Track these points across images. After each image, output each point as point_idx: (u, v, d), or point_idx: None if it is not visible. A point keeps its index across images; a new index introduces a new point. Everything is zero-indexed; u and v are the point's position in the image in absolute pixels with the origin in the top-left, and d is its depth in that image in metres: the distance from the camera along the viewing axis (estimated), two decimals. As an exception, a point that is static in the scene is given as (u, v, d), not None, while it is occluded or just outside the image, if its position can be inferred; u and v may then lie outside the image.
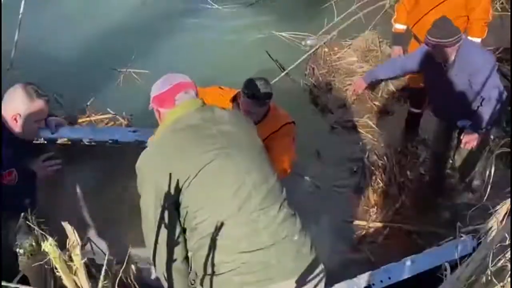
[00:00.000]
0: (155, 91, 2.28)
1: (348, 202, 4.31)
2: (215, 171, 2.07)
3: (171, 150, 2.13)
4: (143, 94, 5.42)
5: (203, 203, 2.06)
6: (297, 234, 2.16)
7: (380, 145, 4.86)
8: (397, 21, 4.50)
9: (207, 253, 2.08)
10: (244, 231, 2.07)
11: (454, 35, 3.49)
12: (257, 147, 2.21)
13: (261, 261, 2.08)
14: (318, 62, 6.00)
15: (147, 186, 2.12)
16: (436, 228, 3.93)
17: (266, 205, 2.11)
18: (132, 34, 6.53)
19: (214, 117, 2.18)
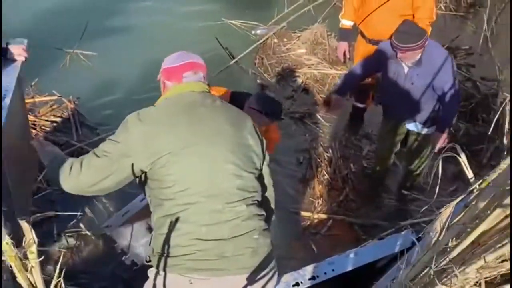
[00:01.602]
0: (167, 63, 2.32)
1: (294, 193, 4.40)
2: (195, 155, 2.11)
3: (162, 120, 2.14)
4: (91, 76, 5.47)
5: (176, 181, 2.08)
6: (258, 233, 2.19)
7: (326, 137, 4.98)
8: (344, 17, 4.57)
9: (165, 233, 2.11)
10: (207, 220, 2.10)
11: (422, 37, 3.55)
12: (242, 144, 2.23)
13: (216, 252, 2.10)
14: (268, 52, 6.05)
15: (122, 135, 2.14)
16: (378, 221, 4.08)
17: (234, 200, 2.14)
18: (81, 14, 6.33)
19: (212, 105, 2.23)
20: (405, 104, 3.88)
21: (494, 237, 1.71)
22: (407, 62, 3.69)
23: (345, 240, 3.94)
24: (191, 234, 2.09)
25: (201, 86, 2.26)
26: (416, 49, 3.57)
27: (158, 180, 2.11)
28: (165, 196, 2.11)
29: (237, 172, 2.16)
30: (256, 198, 2.23)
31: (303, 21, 6.31)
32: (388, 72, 3.85)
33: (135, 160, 2.10)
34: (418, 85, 3.75)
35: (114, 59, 5.68)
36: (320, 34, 6.12)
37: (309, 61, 5.87)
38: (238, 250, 2.12)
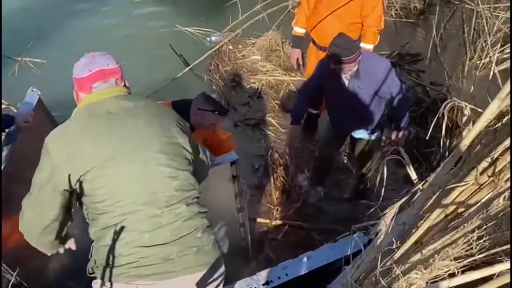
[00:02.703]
0: (75, 72, 2.18)
1: (251, 199, 4.38)
2: (123, 164, 2.04)
3: (81, 134, 2.06)
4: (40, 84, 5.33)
5: (106, 195, 2.03)
6: (201, 231, 2.18)
7: (282, 143, 5.00)
8: (296, 24, 4.62)
9: (108, 245, 2.07)
10: (147, 226, 2.06)
11: (355, 51, 3.58)
12: (172, 143, 2.16)
13: (161, 256, 2.08)
14: (223, 58, 6.07)
15: (45, 161, 2.06)
16: (334, 226, 4.11)
17: (173, 202, 2.11)
18: (30, 20, 6.25)
19: (131, 107, 2.12)
20: (352, 116, 3.92)
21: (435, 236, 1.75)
22: (343, 75, 3.72)
23: (302, 245, 3.95)
24: (133, 242, 2.06)
25: (114, 91, 2.15)
26: (349, 62, 3.62)
27: (89, 195, 2.05)
28: (99, 211, 2.06)
29: (172, 174, 2.11)
30: (195, 195, 2.21)
31: (258, 28, 6.36)
32: (330, 86, 3.88)
33: (62, 180, 2.03)
34: (362, 97, 3.79)
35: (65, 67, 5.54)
36: (274, 41, 6.17)
37: (264, 68, 5.90)
38: (183, 251, 2.11)
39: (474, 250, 1.84)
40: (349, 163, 4.64)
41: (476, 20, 5.67)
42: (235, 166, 3.10)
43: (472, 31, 5.59)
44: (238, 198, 3.25)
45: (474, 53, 5.38)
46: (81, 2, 6.80)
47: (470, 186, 1.61)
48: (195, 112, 3.17)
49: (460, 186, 1.61)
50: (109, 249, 2.04)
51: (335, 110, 4.07)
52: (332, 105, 4.09)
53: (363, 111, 3.84)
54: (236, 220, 3.37)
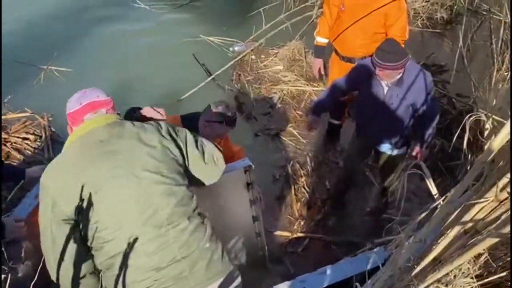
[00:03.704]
0: (68, 108, 2.24)
1: (271, 211, 4.32)
2: (118, 189, 2.05)
3: (73, 166, 2.07)
4: (65, 93, 5.36)
5: (107, 223, 2.03)
6: (208, 241, 2.18)
7: (303, 154, 4.95)
8: (318, 34, 4.58)
9: (117, 273, 2.05)
10: (154, 248, 2.06)
11: (401, 58, 3.51)
12: (163, 161, 2.15)
13: (174, 275, 2.08)
14: (245, 68, 6.06)
15: (44, 200, 2.07)
16: (355, 239, 4.03)
17: (174, 219, 2.10)
18: (56, 30, 6.33)
19: (121, 132, 2.14)
20: (381, 124, 3.85)
21: (455, 254, 1.68)
22: (386, 81, 3.66)
23: (322, 259, 3.86)
24: (144, 266, 2.05)
25: (105, 119, 2.17)
26: (396, 68, 3.55)
27: (90, 225, 2.05)
28: (103, 239, 2.05)
29: (169, 191, 2.11)
30: (194, 207, 2.21)
31: (281, 38, 6.34)
32: (366, 91, 3.80)
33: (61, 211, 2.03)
34: (396, 106, 3.73)
35: (89, 76, 5.66)
36: (297, 51, 6.14)
37: (286, 78, 5.87)
38: (194, 265, 2.11)
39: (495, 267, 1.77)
40: (371, 175, 4.56)
41: (504, 31, 5.56)
42: (249, 173, 3.06)
43: (500, 42, 5.48)
44: (253, 206, 3.19)
45: (502, 64, 5.27)
46: (106, 11, 6.87)
47: (490, 203, 1.54)
48: (203, 124, 3.17)
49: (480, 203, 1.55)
50: (120, 277, 2.04)
51: (364, 116, 4.00)
52: (362, 110, 4.01)
53: (392, 121, 3.78)
54: (252, 229, 3.31)
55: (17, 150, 4.58)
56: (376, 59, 3.55)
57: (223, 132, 3.23)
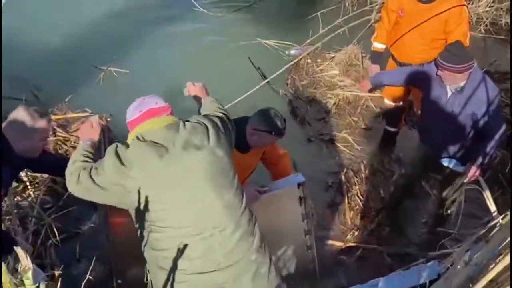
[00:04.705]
0: (127, 116, 2.34)
1: (322, 218, 4.24)
2: (172, 187, 2.10)
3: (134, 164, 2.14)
4: (123, 94, 5.52)
5: (157, 218, 2.08)
6: (254, 253, 2.16)
7: (357, 161, 4.86)
8: (376, 39, 4.49)
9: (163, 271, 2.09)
10: (198, 252, 2.08)
11: (465, 62, 3.44)
12: (215, 165, 2.19)
13: (215, 283, 2.08)
14: (300, 72, 6.01)
15: (117, 169, 2.15)
16: (409, 250, 3.93)
17: (221, 223, 2.11)
18: (116, 32, 6.48)
19: (178, 135, 2.20)
20: (442, 132, 3.78)
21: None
22: (449, 85, 3.60)
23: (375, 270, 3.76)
24: (187, 269, 2.07)
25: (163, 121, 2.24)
26: (459, 71, 3.47)
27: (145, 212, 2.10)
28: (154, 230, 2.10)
29: (218, 193, 2.14)
30: (244, 214, 2.21)
31: (338, 42, 6.27)
32: (430, 94, 3.75)
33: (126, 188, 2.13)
34: (457, 113, 3.64)
35: (146, 77, 5.76)
36: (354, 56, 6.04)
37: (342, 83, 5.79)
38: (238, 277, 2.10)
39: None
40: (427, 186, 4.42)
41: None
42: (302, 188, 3.05)
43: None
44: (306, 220, 3.19)
45: None
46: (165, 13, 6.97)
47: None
48: (251, 132, 3.13)
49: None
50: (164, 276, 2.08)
51: (427, 122, 3.94)
52: (426, 116, 3.95)
53: (453, 129, 3.70)
54: (304, 243, 3.30)
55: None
56: (440, 60, 3.50)
57: (270, 141, 3.21)
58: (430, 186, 4.45)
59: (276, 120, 3.10)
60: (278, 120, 3.10)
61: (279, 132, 3.12)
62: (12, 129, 2.68)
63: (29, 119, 2.68)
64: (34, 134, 2.70)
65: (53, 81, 5.55)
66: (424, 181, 4.53)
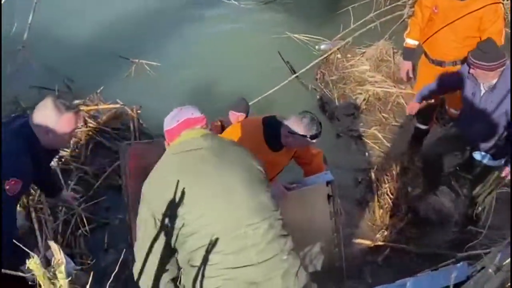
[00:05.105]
0: (165, 125, 2.38)
1: (350, 215, 4.23)
2: (208, 189, 2.14)
3: (168, 172, 2.21)
4: (154, 87, 5.58)
5: (194, 217, 2.11)
6: (286, 254, 2.18)
7: (387, 158, 4.81)
8: (409, 35, 4.43)
9: (196, 268, 2.11)
10: (232, 247, 2.10)
11: (496, 60, 3.41)
12: (249, 170, 2.25)
13: (246, 279, 2.10)
14: (330, 68, 5.97)
15: (143, 207, 2.21)
16: (437, 250, 3.89)
17: (255, 221, 2.14)
18: (147, 24, 6.53)
19: (212, 144, 2.26)
20: (477, 128, 3.76)
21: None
22: (482, 83, 3.58)
23: (403, 270, 3.72)
24: (220, 264, 2.09)
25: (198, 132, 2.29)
26: (490, 69, 3.43)
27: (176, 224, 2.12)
28: (187, 234, 2.12)
29: (253, 193, 2.18)
30: (278, 217, 2.23)
31: (369, 37, 6.20)
32: (465, 92, 3.78)
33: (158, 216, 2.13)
34: (490, 111, 3.62)
35: (176, 70, 5.79)
36: (385, 51, 5.97)
37: (373, 78, 5.73)
38: (268, 273, 2.12)
39: None
40: (456, 184, 4.36)
41: None
42: (330, 186, 3.05)
43: None
44: (334, 218, 3.19)
45: None
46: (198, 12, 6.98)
47: None
48: (286, 134, 3.13)
49: None
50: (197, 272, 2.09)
51: (463, 117, 3.94)
52: (462, 111, 3.96)
53: (486, 127, 3.69)
54: (331, 241, 3.31)
55: (107, 140, 4.78)
56: (471, 58, 3.49)
57: (305, 144, 3.21)
58: (460, 186, 4.41)
59: (313, 124, 3.10)
60: (315, 125, 3.11)
61: (315, 137, 3.12)
62: (38, 120, 2.67)
63: (55, 112, 2.66)
64: (59, 127, 2.68)
65: (86, 72, 5.60)
66: (454, 180, 4.49)
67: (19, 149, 2.62)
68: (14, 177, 2.56)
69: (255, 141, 3.13)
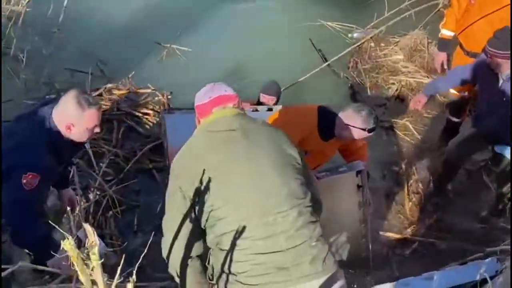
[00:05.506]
0: (196, 100, 2.36)
1: (380, 208, 4.18)
2: (238, 173, 2.14)
3: (199, 150, 2.22)
4: (185, 72, 5.61)
5: (223, 202, 2.12)
6: (315, 240, 2.18)
7: (418, 150, 4.76)
8: (444, 26, 4.37)
9: (224, 251, 2.13)
10: (261, 233, 2.11)
11: None
12: (281, 155, 2.23)
13: (275, 264, 2.10)
14: (363, 56, 5.91)
15: (171, 182, 2.23)
16: (465, 245, 3.83)
17: (284, 209, 2.14)
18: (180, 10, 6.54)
19: (245, 125, 2.25)
20: (495, 121, 3.69)
21: None
22: (500, 73, 3.53)
23: (430, 264, 3.67)
24: (249, 249, 2.09)
25: (230, 111, 2.28)
26: (503, 58, 3.36)
27: (207, 204, 2.13)
28: (216, 218, 2.12)
29: (283, 180, 2.16)
30: (307, 204, 2.21)
31: (403, 26, 6.11)
32: (484, 83, 3.74)
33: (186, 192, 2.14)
34: (507, 101, 3.55)
35: (207, 55, 5.81)
36: (420, 41, 5.90)
37: (406, 69, 5.66)
38: (297, 259, 2.11)
39: None
40: (487, 179, 4.29)
41: None
42: (360, 176, 3.03)
43: None
44: (362, 208, 3.17)
45: None
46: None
47: None
48: (342, 126, 3.12)
49: None
50: (225, 255, 2.10)
51: (480, 108, 3.92)
52: (480, 103, 3.94)
53: (503, 117, 3.59)
54: (359, 231, 3.31)
55: (138, 124, 4.83)
56: (487, 46, 3.46)
57: (361, 137, 3.18)
58: (491, 180, 4.34)
59: (371, 117, 3.09)
60: (372, 118, 3.10)
61: (372, 130, 3.12)
62: (60, 115, 2.67)
63: (77, 107, 2.64)
64: (81, 123, 2.67)
65: (118, 56, 5.66)
66: (485, 174, 4.42)
67: (38, 143, 2.62)
68: (31, 171, 2.57)
69: (307, 128, 3.14)
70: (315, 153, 2.41)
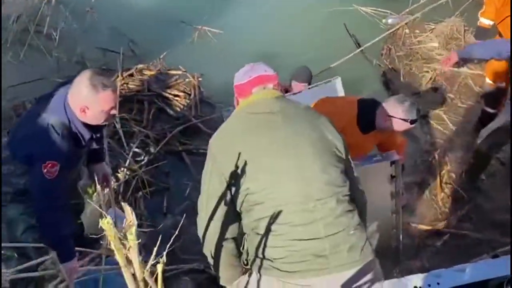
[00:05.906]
0: (236, 80, 2.32)
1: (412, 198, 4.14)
2: (277, 158, 2.11)
3: (238, 131, 2.19)
4: (215, 54, 5.58)
5: (261, 187, 2.08)
6: (353, 229, 2.15)
7: (451, 141, 4.67)
8: (483, 15, 4.27)
9: (260, 236, 2.10)
10: (300, 220, 2.08)
11: None
12: (322, 141, 2.19)
13: (313, 252, 2.08)
14: (397, 43, 5.79)
15: (209, 161, 2.20)
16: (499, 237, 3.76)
17: (323, 196, 2.10)
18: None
19: (285, 109, 2.20)
20: None
21: None
22: None
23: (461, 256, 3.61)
24: (287, 235, 2.07)
25: (270, 93, 2.24)
26: None
27: (243, 187, 2.10)
28: (252, 202, 2.10)
29: (323, 168, 2.12)
30: (346, 193, 2.18)
31: (440, 12, 5.96)
32: None
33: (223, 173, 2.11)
34: None
35: (239, 38, 5.76)
36: (456, 29, 5.75)
37: (441, 56, 5.51)
38: (335, 247, 2.09)
39: None
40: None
41: None
42: (394, 166, 2.99)
43: None
44: (394, 199, 3.13)
45: None
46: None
47: None
48: (384, 118, 3.08)
49: None
50: (261, 240, 2.08)
51: None
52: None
53: None
54: (390, 221, 3.26)
55: (168, 105, 4.83)
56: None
57: (403, 129, 3.14)
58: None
59: (413, 108, 3.06)
60: (415, 110, 3.07)
61: (414, 121, 3.09)
62: (74, 97, 2.59)
63: (91, 89, 2.54)
64: (95, 106, 2.57)
65: (150, 37, 5.67)
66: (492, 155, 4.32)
67: (50, 130, 2.54)
68: (49, 159, 2.52)
69: (346, 119, 3.09)
70: (353, 146, 2.36)
